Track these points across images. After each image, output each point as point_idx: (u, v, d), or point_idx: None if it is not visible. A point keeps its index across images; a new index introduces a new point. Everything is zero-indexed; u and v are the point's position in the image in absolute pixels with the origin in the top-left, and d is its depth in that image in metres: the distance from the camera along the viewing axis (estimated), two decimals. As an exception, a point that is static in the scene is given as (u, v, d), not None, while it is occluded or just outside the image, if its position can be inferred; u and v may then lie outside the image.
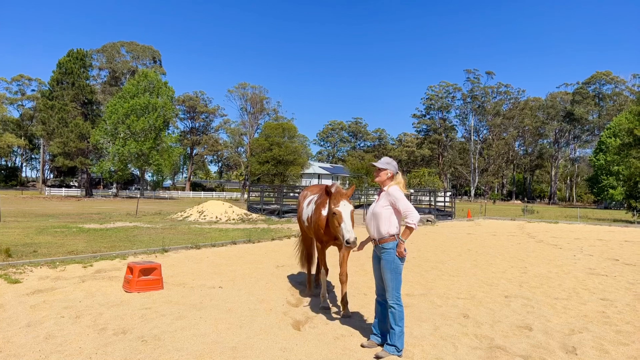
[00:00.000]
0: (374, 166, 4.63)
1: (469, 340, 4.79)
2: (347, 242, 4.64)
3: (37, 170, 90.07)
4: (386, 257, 4.38)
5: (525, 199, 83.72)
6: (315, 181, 69.79)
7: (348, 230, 4.69)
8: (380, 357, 4.21)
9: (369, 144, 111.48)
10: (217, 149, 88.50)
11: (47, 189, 58.92)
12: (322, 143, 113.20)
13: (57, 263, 8.41)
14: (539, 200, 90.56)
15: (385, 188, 4.54)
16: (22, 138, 78.24)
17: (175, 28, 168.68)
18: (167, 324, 5.05)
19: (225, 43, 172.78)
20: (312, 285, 6.89)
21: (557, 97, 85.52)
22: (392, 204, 4.41)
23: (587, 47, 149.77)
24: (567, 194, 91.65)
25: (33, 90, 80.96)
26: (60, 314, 5.30)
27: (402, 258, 4.38)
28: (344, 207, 4.89)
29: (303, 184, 60.04)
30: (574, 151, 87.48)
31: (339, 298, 6.07)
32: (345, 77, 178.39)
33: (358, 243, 4.71)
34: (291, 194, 30.23)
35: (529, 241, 15.14)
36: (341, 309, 5.65)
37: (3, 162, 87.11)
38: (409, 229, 4.33)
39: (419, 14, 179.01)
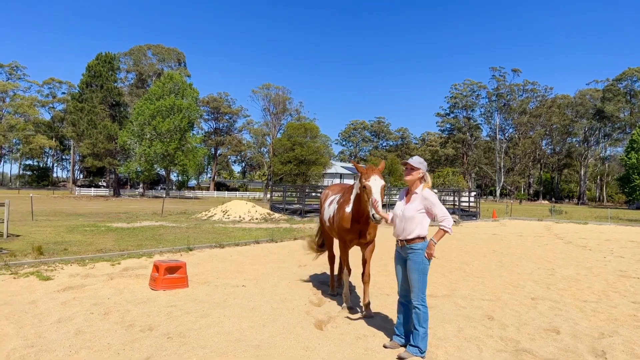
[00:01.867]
0: (408, 164, 4.47)
1: (493, 343, 4.72)
2: (374, 218, 4.61)
3: (68, 171, 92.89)
4: (415, 257, 4.34)
5: (553, 199, 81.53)
6: (337, 181, 69.64)
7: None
8: (403, 358, 4.18)
9: (391, 143, 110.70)
10: (240, 149, 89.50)
11: (77, 188, 60.80)
12: (344, 143, 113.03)
13: (87, 261, 8.66)
14: (567, 200, 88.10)
15: (417, 190, 4.42)
16: (53, 139, 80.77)
17: (200, 30, 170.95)
18: (192, 322, 5.14)
19: (249, 44, 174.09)
20: (334, 285, 6.88)
21: (586, 94, 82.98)
22: (428, 209, 4.35)
23: (618, 44, 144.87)
24: (597, 194, 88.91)
25: (63, 93, 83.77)
26: (90, 311, 5.45)
27: (430, 259, 4.35)
28: (375, 182, 4.79)
29: (325, 183, 60.01)
30: (604, 150, 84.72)
31: (361, 298, 6.05)
32: (368, 77, 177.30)
33: (383, 221, 4.65)
34: (313, 194, 30.26)
35: (557, 242, 14.76)
36: (364, 309, 5.64)
37: (35, 163, 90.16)
38: (444, 231, 4.27)
39: (443, 13, 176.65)
